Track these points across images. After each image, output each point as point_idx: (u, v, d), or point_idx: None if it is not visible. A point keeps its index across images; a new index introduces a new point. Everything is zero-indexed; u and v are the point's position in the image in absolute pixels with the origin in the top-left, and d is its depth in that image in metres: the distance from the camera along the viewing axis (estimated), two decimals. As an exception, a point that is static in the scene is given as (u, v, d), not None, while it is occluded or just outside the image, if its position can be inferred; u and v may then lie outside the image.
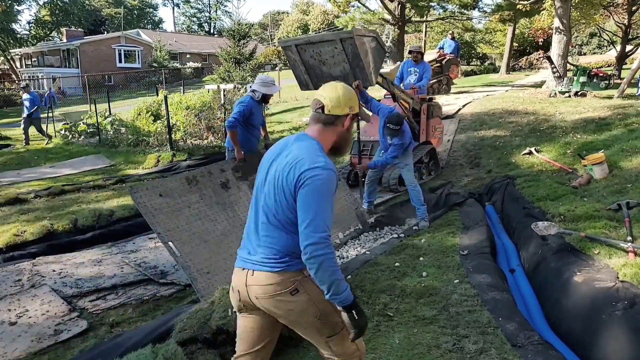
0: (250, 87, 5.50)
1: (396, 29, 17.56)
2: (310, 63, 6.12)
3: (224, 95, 12.26)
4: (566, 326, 3.22)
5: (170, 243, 3.74)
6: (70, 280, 4.33)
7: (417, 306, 3.44)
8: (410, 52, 7.67)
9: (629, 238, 3.79)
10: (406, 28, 19.70)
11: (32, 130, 13.44)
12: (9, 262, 4.87)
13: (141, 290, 4.15)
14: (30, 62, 40.19)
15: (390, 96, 7.18)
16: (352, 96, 2.07)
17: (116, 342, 3.17)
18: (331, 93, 2.04)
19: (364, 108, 5.72)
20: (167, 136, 10.78)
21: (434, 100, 7.86)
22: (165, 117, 11.08)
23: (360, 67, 5.72)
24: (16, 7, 36.03)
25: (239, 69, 16.35)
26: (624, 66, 17.27)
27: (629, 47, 17.94)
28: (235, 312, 2.14)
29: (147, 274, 4.44)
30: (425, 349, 2.88)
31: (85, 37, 38.74)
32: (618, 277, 3.24)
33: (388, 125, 5.18)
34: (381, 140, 5.81)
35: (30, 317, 3.65)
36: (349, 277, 3.98)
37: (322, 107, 2.03)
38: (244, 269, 2.01)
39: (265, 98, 5.41)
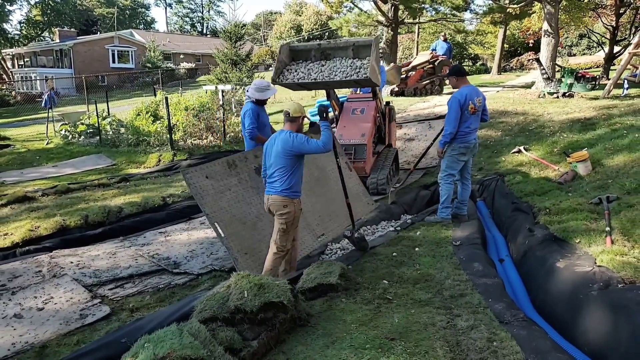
0: (247, 91, 5.69)
1: (389, 31, 17.88)
2: (310, 86, 6.15)
3: (223, 95, 12.54)
4: (549, 308, 3.55)
5: (216, 224, 4.02)
6: (89, 271, 4.60)
7: (414, 290, 3.75)
8: None
9: (607, 229, 4.13)
10: (399, 29, 20.02)
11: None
12: (26, 256, 5.13)
13: (156, 280, 4.43)
14: (22, 63, 40.08)
15: (356, 99, 7.42)
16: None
17: (139, 324, 3.44)
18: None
19: None
20: (168, 136, 11.02)
21: (391, 104, 8.09)
22: (164, 118, 11.32)
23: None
24: (7, 7, 35.93)
25: (236, 70, 16.60)
26: (612, 67, 17.71)
27: (617, 49, 18.41)
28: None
29: (161, 264, 4.72)
30: (422, 326, 3.19)
31: (78, 38, 38.67)
32: (596, 263, 3.57)
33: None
34: None
35: (55, 304, 3.92)
36: (350, 266, 4.28)
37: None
38: None
39: (260, 102, 5.64)
